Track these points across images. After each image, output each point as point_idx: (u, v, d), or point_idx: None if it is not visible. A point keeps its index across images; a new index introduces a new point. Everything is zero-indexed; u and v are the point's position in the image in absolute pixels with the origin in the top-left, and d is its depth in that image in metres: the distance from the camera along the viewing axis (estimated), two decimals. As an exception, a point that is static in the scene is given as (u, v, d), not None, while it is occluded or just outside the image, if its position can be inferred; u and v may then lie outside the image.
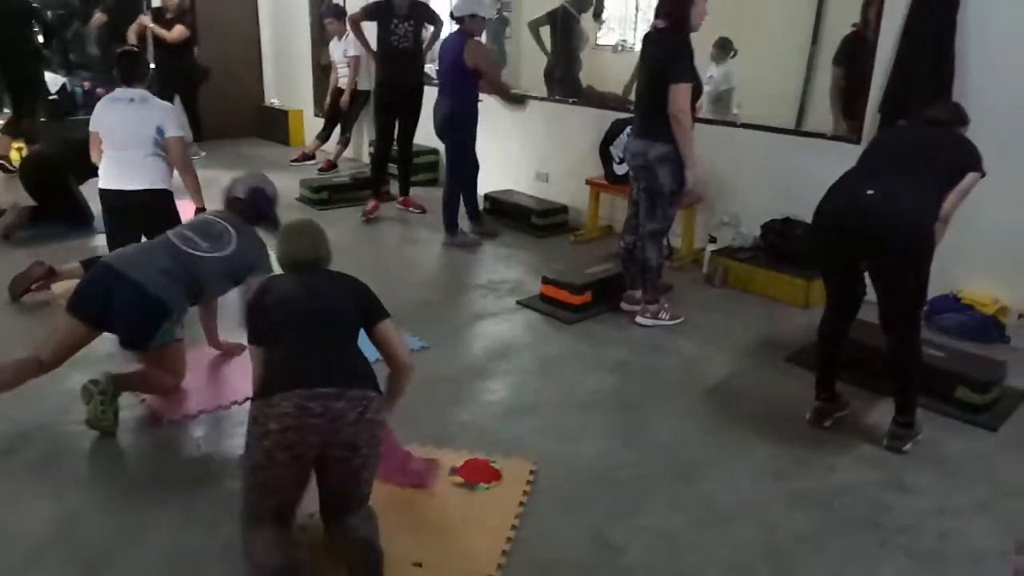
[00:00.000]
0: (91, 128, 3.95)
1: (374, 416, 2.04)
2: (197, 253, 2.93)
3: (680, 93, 3.52)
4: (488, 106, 5.56)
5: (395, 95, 5.47)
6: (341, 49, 7.03)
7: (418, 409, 2.94)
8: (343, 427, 1.97)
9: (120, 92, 3.93)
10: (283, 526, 2.04)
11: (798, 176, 4.27)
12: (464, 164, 5.09)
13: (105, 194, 3.93)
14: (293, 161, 7.48)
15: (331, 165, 7.22)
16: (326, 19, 7.12)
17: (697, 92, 3.67)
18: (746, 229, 4.67)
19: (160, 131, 3.86)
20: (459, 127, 4.96)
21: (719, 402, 3.21)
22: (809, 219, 2.97)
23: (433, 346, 3.62)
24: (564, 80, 5.85)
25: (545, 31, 5.88)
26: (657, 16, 3.66)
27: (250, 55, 8.66)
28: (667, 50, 3.58)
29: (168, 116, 3.95)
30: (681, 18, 3.54)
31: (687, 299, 4.35)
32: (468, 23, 4.75)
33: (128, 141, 3.83)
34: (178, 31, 7.05)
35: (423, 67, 5.65)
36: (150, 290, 2.76)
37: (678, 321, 3.95)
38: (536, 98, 5.84)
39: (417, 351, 3.54)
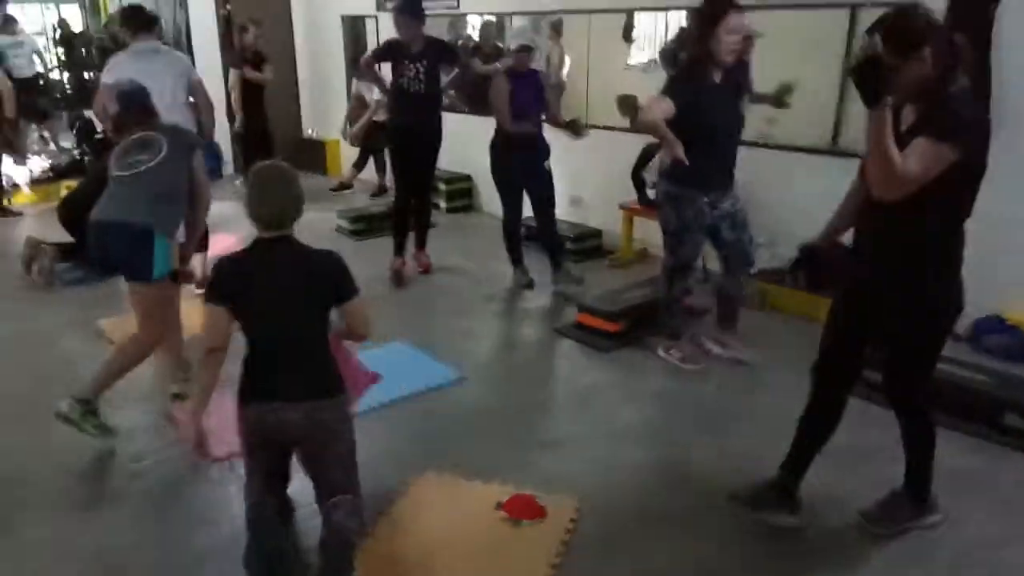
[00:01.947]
0: (107, 80, 4.11)
1: (329, 417, 2.33)
2: (142, 168, 3.13)
3: (652, 100, 3.46)
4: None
5: (408, 140, 5.03)
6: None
7: (458, 443, 2.98)
8: (295, 430, 2.30)
9: (142, 45, 4.23)
10: (276, 483, 2.45)
11: (834, 196, 4.22)
12: (502, 202, 4.87)
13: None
14: (334, 190, 7.63)
15: (382, 189, 7.40)
16: None
17: (709, 128, 3.43)
18: (783, 250, 4.62)
19: (187, 78, 4.32)
20: (490, 169, 4.84)
21: (758, 434, 3.18)
22: (848, 239, 2.86)
23: (470, 377, 3.65)
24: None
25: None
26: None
27: (287, 87, 8.85)
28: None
29: (187, 63, 4.51)
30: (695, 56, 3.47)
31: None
32: (514, 57, 4.60)
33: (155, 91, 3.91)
34: (270, 69, 7.28)
35: (439, 110, 5.09)
36: (129, 219, 3.05)
37: (694, 368, 3.75)
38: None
39: (456, 383, 3.58)
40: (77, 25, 8.78)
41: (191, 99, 4.40)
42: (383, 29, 7.42)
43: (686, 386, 3.59)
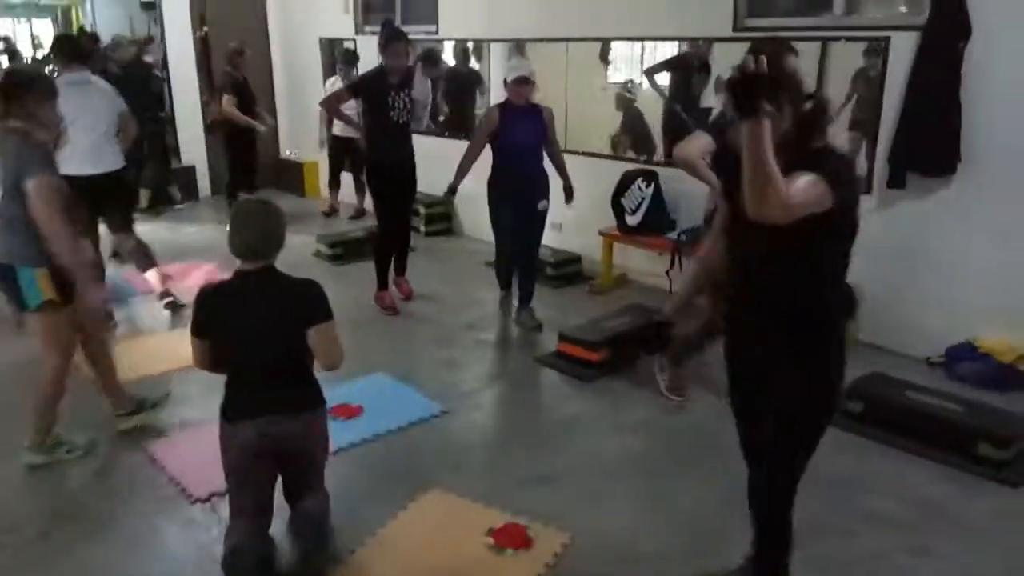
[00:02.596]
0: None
1: (319, 425, 2.57)
2: None
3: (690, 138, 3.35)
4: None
5: (399, 175, 4.87)
6: None
7: (444, 478, 2.99)
8: (292, 440, 2.47)
9: (76, 76, 4.27)
10: (262, 517, 2.50)
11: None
12: (496, 246, 4.80)
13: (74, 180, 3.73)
14: (326, 214, 7.59)
15: (360, 212, 7.37)
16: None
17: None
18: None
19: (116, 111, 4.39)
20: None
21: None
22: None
23: (452, 411, 3.65)
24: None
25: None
26: None
27: (265, 109, 8.82)
28: None
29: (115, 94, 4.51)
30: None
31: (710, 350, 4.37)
32: (506, 87, 4.35)
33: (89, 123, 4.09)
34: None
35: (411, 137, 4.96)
36: None
37: (675, 399, 3.72)
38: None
39: (438, 417, 3.58)
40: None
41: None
42: (364, 52, 7.46)
43: (668, 417, 3.62)
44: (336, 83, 6.91)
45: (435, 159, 5.35)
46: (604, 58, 5.98)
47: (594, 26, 5.42)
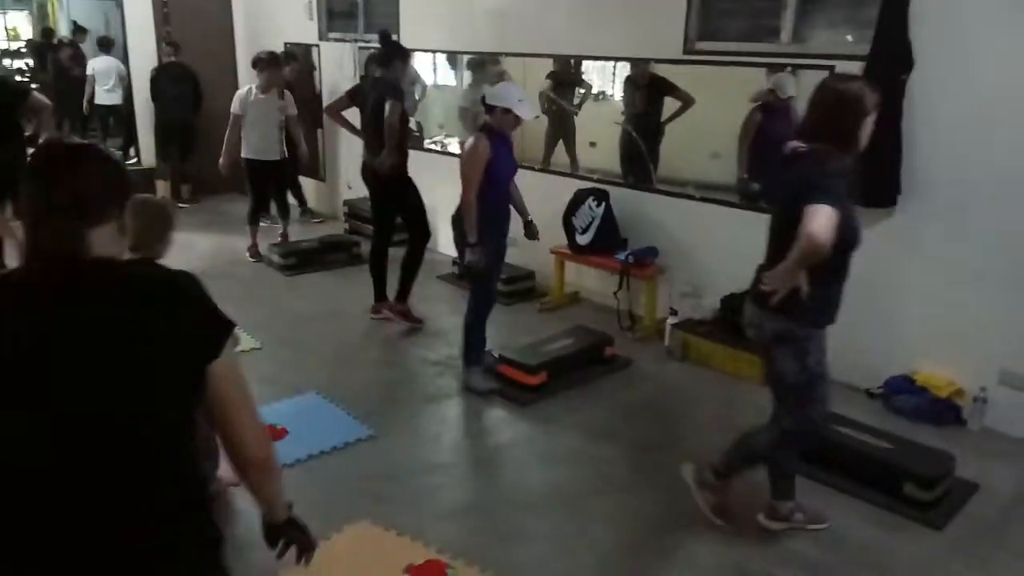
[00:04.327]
0: None
1: None
2: None
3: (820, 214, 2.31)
4: (447, 163, 5.56)
5: (369, 178, 4.91)
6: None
7: (360, 507, 2.91)
8: None
9: None
10: None
11: (761, 249, 4.27)
12: (476, 293, 4.01)
13: None
14: (317, 221, 7.47)
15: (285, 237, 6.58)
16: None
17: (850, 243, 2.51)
18: (707, 301, 4.66)
19: None
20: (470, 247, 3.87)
21: (666, 498, 3.16)
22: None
23: (381, 436, 3.58)
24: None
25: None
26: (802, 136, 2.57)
27: (226, 114, 8.70)
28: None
29: None
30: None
31: (645, 375, 4.33)
32: (497, 116, 3.73)
33: None
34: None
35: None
36: None
37: (821, 527, 2.94)
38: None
39: (365, 441, 3.51)
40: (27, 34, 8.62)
41: None
42: (326, 58, 7.38)
43: (597, 446, 3.56)
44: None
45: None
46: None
47: (548, 43, 5.38)
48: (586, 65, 5.37)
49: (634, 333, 4.84)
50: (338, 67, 7.25)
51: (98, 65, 8.47)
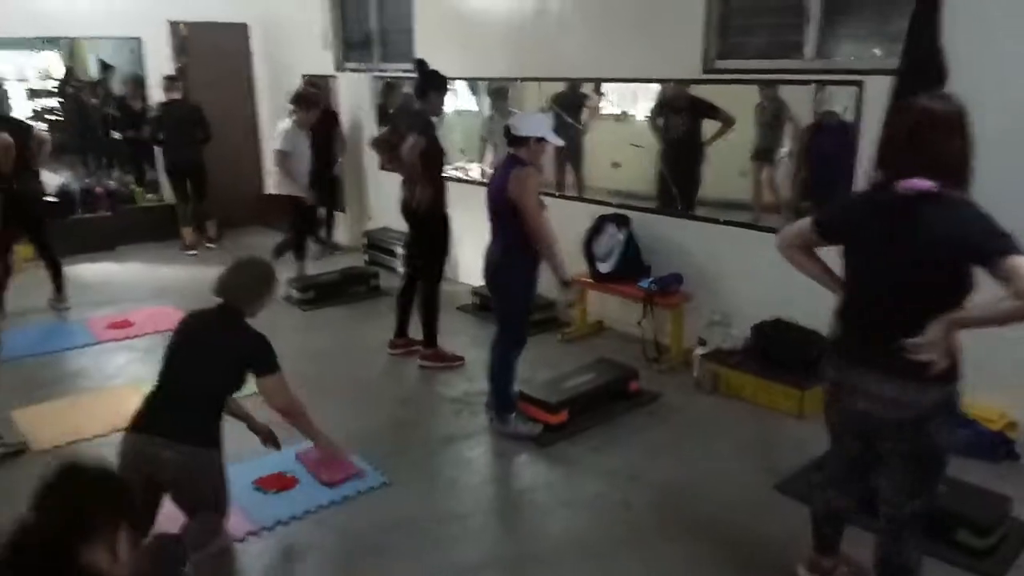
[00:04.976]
0: None
1: (192, 462, 2.56)
2: None
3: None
4: (466, 191, 5.42)
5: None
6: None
7: (368, 564, 2.75)
8: (164, 470, 2.53)
9: None
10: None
11: (790, 274, 4.06)
12: (505, 335, 3.82)
13: None
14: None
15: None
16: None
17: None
18: (737, 330, 4.44)
19: None
20: (504, 283, 3.76)
21: (698, 546, 2.95)
22: (801, 320, 2.60)
23: (395, 482, 3.41)
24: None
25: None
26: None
27: (250, 147, 8.73)
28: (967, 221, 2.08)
29: None
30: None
31: (674, 409, 4.12)
32: (531, 147, 3.58)
33: None
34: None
35: None
36: None
37: None
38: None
39: (377, 489, 3.35)
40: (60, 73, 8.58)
41: None
42: (343, 90, 7.34)
43: (621, 491, 3.35)
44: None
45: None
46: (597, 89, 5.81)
47: (565, 67, 5.24)
48: (605, 87, 5.20)
49: (660, 365, 4.64)
50: (356, 98, 7.19)
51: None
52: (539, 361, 4.65)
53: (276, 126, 6.33)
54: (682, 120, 4.73)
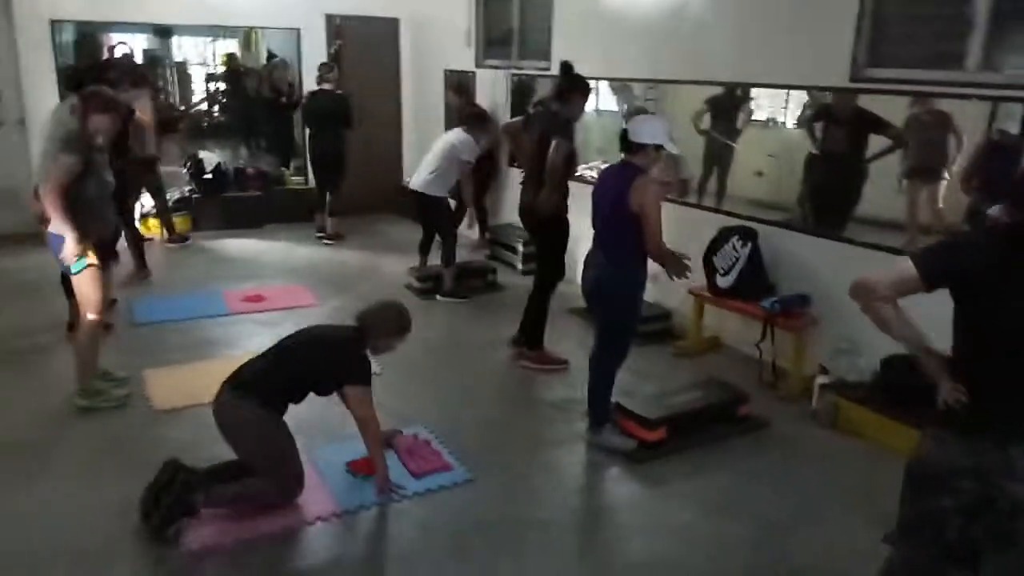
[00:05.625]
0: None
1: (250, 417, 2.98)
2: None
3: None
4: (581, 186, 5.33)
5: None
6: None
7: (442, 566, 2.73)
8: (226, 418, 3.01)
9: None
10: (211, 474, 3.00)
11: (932, 307, 3.68)
12: (609, 347, 3.74)
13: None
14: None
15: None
16: None
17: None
18: (866, 361, 4.08)
19: None
20: (610, 294, 3.67)
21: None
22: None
23: (478, 480, 3.39)
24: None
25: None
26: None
27: (392, 137, 9.02)
28: None
29: None
30: None
31: (787, 439, 3.85)
32: (650, 155, 3.48)
33: None
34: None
35: None
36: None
37: None
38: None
39: (461, 485, 3.34)
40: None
41: None
42: (481, 84, 7.42)
43: (718, 522, 3.16)
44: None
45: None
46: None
47: (704, 70, 5.01)
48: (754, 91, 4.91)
49: (777, 390, 4.35)
50: (492, 93, 7.26)
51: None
52: (646, 374, 4.49)
53: (448, 137, 6.37)
54: (843, 132, 4.36)
